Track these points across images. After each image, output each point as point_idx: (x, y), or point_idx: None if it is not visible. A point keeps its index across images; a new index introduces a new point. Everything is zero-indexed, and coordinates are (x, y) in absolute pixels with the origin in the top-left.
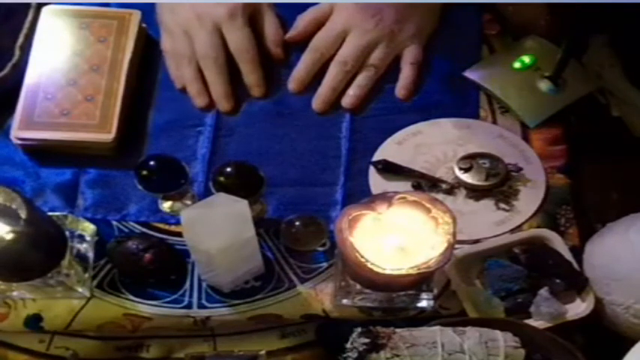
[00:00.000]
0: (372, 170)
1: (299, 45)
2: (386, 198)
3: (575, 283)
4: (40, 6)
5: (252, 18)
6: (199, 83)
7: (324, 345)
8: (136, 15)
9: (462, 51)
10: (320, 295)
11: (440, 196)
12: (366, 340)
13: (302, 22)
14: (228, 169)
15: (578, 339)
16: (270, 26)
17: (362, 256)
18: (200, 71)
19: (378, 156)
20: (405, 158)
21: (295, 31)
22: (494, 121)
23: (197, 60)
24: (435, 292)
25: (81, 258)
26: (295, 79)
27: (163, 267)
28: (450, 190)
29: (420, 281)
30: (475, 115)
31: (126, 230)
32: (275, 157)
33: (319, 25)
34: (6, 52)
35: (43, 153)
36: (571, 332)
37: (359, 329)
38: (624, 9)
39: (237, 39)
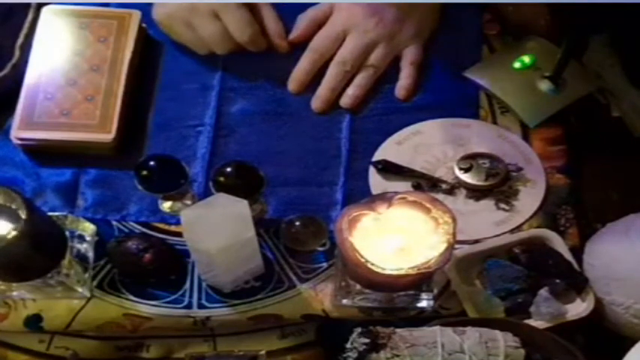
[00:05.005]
0: (372, 170)
1: (299, 45)
2: (386, 198)
3: (575, 283)
4: (40, 6)
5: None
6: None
7: (324, 345)
8: (136, 15)
9: (462, 51)
10: (320, 295)
11: (440, 196)
12: (366, 340)
13: (302, 22)
14: (228, 169)
15: (578, 339)
16: (270, 19)
17: (362, 256)
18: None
19: (378, 156)
20: (405, 158)
21: (295, 32)
22: (495, 121)
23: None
24: (435, 292)
25: (81, 258)
26: (295, 79)
27: (163, 267)
28: (450, 190)
29: (420, 281)
30: (475, 115)
31: (126, 230)
32: (275, 157)
33: (319, 25)
34: (6, 52)
35: (43, 153)
36: (571, 332)
37: (359, 329)
38: (624, 9)
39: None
